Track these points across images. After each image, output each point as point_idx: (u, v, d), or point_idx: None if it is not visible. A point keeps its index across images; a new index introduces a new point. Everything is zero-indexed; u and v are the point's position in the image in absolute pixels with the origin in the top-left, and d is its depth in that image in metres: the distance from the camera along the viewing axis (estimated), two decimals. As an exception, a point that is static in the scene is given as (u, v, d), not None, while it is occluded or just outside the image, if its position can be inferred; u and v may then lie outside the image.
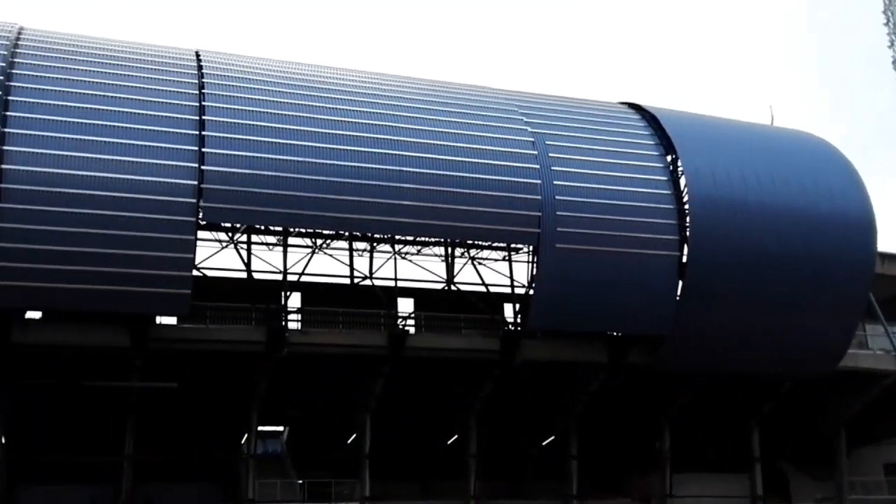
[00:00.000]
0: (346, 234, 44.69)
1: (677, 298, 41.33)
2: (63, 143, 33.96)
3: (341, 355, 40.94)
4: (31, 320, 36.22)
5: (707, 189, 41.81)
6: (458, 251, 49.11)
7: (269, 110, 37.77)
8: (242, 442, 42.68)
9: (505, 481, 49.79)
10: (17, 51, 35.46)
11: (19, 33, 36.51)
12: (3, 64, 34.34)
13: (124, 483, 38.51)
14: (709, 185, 41.94)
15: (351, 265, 48.22)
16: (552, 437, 49.05)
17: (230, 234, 44.45)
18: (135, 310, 35.69)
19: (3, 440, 37.17)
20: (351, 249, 48.18)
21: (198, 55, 39.55)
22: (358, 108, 39.52)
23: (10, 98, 33.88)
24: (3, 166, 32.79)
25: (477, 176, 39.35)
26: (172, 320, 38.92)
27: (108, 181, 34.10)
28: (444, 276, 49.44)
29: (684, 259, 41.44)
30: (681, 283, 41.43)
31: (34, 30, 37.62)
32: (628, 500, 48.60)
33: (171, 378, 38.07)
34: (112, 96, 35.59)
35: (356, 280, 48.29)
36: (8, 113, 33.55)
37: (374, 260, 48.55)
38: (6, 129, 33.24)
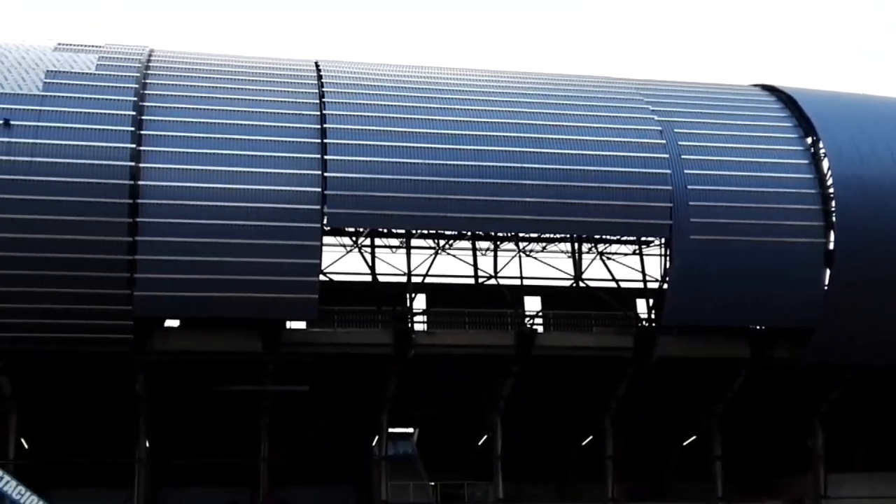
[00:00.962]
0: (470, 233, 44.41)
1: (825, 287, 38.98)
2: (194, 157, 35.31)
3: (469, 356, 40.74)
4: (171, 328, 37.77)
5: (852, 170, 39.51)
6: (585, 246, 47.97)
7: (388, 114, 38.04)
8: (373, 444, 43.05)
9: (645, 482, 48.28)
10: (149, 72, 37.14)
11: (150, 55, 38.20)
12: (137, 86, 35.95)
13: (261, 485, 39.57)
14: (854, 165, 39.64)
15: (475, 265, 47.95)
16: (693, 437, 47.17)
17: (354, 239, 45.08)
18: (266, 316, 36.69)
19: (147, 444, 38.86)
20: (474, 249, 47.88)
21: (317, 65, 40.24)
22: (475, 107, 39.34)
23: (144, 118, 35.41)
24: (141, 183, 34.28)
25: (603, 169, 38.49)
26: (302, 325, 39.79)
27: (237, 192, 35.17)
28: (572, 272, 48.36)
29: (830, 246, 39.11)
30: (827, 270, 39.10)
31: (163, 51, 39.39)
32: (778, 502, 46.20)
33: (302, 381, 38.79)
34: (238, 110, 36.73)
35: (481, 280, 47.96)
36: (143, 132, 35.06)
37: (499, 258, 48.04)
38: (142, 148, 34.75)
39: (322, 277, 38.78)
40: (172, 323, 37.91)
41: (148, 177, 34.45)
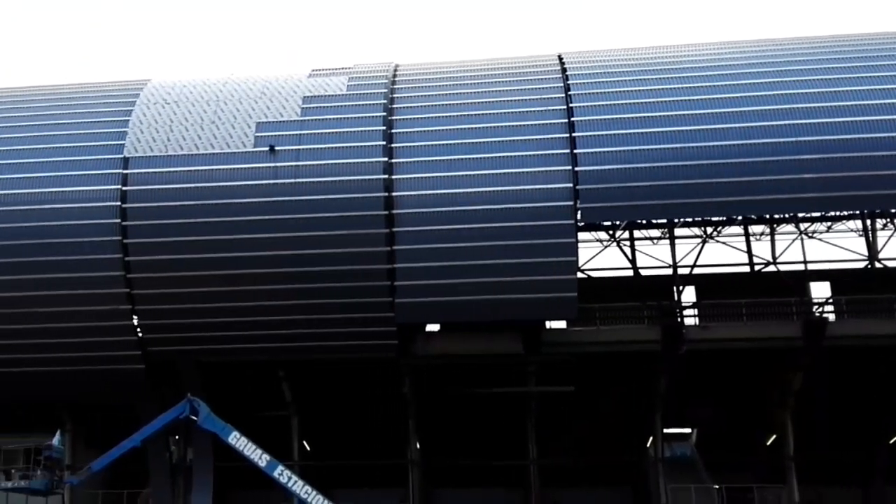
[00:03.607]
0: (740, 218, 41.00)
1: None
2: (444, 165, 36.03)
3: (748, 349, 38.09)
4: (431, 333, 38.77)
5: None
6: (879, 223, 42.48)
7: (636, 100, 36.39)
8: (648, 445, 41.20)
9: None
10: (395, 87, 38.47)
11: (395, 70, 39.55)
12: (385, 101, 37.30)
13: (532, 487, 39.37)
14: None
15: (749, 251, 44.27)
16: None
17: (611, 233, 43.51)
18: (525, 317, 36.46)
19: (418, 445, 40.21)
20: (747, 234, 44.27)
21: (560, 58, 39.24)
22: (730, 82, 36.54)
23: (394, 131, 36.68)
24: (395, 194, 35.49)
25: (891, 134, 33.77)
26: (562, 324, 39.04)
27: (488, 195, 35.33)
28: (865, 252, 43.01)
29: None
30: None
31: (407, 65, 40.67)
32: None
33: (566, 382, 38.10)
34: (482, 113, 36.91)
35: (757, 267, 44.17)
36: (394, 145, 36.24)
37: (777, 243, 43.93)
38: (394, 160, 35.94)
39: (580, 275, 37.81)
40: (434, 327, 38.87)
41: (401, 188, 35.66)
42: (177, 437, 41.12)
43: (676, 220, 41.35)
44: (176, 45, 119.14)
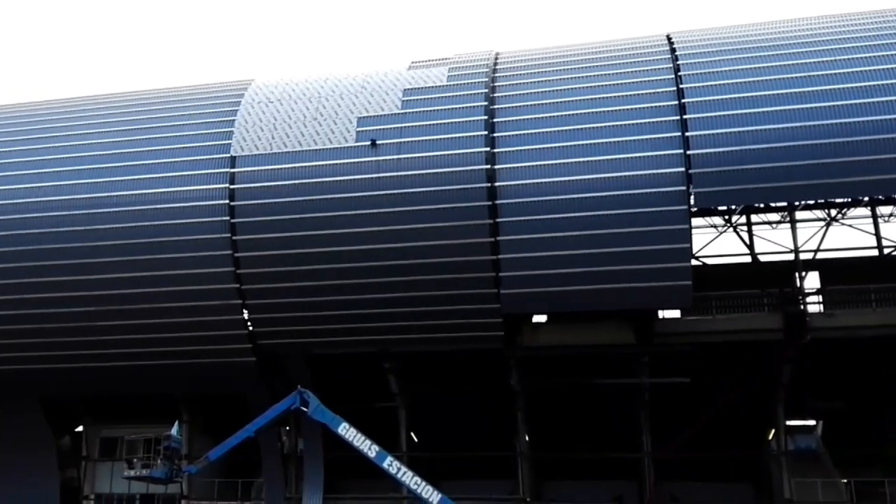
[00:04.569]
0: (866, 198, 38.41)
1: None
2: (548, 153, 35.08)
3: (876, 338, 35.64)
4: (539, 324, 37.91)
5: None
6: None
7: (751, 79, 34.56)
8: (769, 438, 39.33)
9: None
10: (497, 75, 37.65)
11: (496, 59, 38.70)
12: (487, 90, 36.58)
13: (647, 480, 38.17)
14: None
15: (877, 233, 41.48)
16: None
17: (726, 218, 41.54)
18: (636, 306, 35.26)
19: (527, 437, 39.52)
20: (875, 216, 41.40)
21: (669, 38, 37.59)
22: (851, 56, 34.14)
23: (496, 120, 35.96)
24: (498, 184, 34.82)
25: None
26: (676, 314, 37.59)
27: (595, 182, 34.30)
28: None
29: None
30: None
31: (508, 52, 39.75)
32: None
33: (681, 373, 36.71)
34: (587, 98, 35.82)
35: (886, 250, 41.37)
36: (496, 134, 35.55)
37: (909, 224, 41.08)
38: (497, 150, 35.25)
39: (694, 262, 36.23)
40: (541, 318, 38.01)
41: (504, 177, 34.94)
42: (287, 427, 41.88)
43: (797, 203, 39.05)
44: (257, 46, 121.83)
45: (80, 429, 45.64)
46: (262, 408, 35.78)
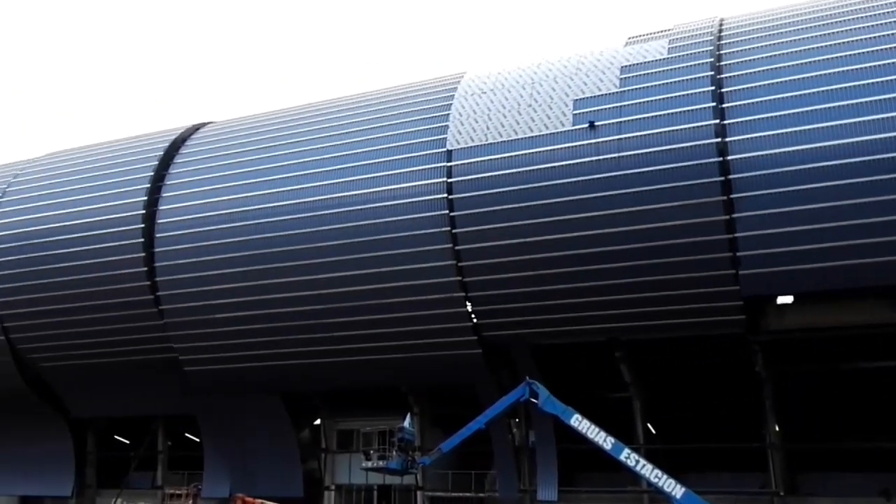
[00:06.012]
0: None
1: None
2: (788, 119, 32.60)
3: None
4: (785, 305, 35.19)
5: None
6: None
7: None
8: None
9: None
10: (722, 43, 35.40)
11: (720, 25, 36.42)
12: (712, 59, 34.49)
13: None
14: None
15: None
16: None
17: None
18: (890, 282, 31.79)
19: (777, 427, 36.84)
20: None
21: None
22: None
23: (724, 90, 33.85)
24: (731, 157, 32.76)
25: None
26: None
27: (845, 148, 31.50)
28: None
29: None
30: None
31: (734, 17, 37.28)
32: None
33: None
34: (831, 58, 32.99)
35: None
36: (726, 105, 33.49)
37: None
38: (727, 122, 33.17)
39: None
40: (786, 299, 35.25)
41: (737, 150, 32.80)
42: (517, 419, 41.55)
43: None
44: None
45: (317, 422, 47.70)
46: (490, 400, 35.62)
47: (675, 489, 31.20)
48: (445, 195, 37.43)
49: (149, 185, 44.59)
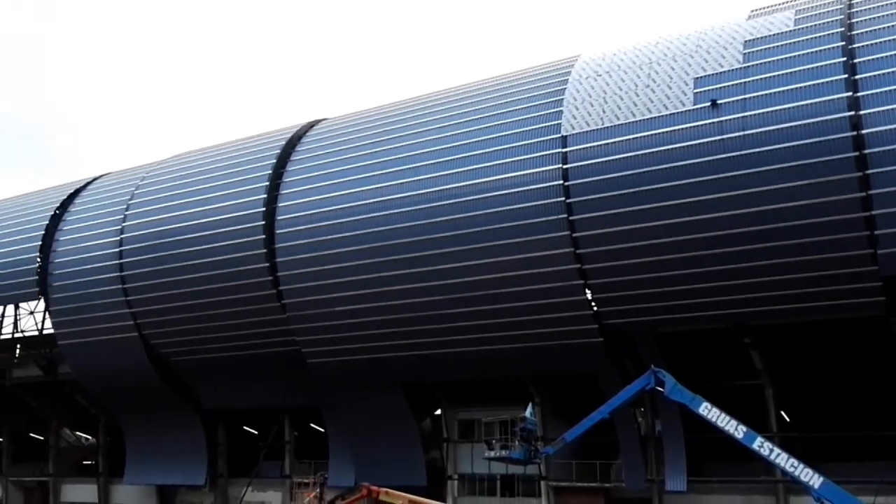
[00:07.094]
0: None
1: None
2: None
3: None
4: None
5: None
6: None
7: None
8: None
9: None
10: (853, 10, 33.73)
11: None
12: (843, 29, 32.86)
13: None
14: None
15: None
16: None
17: None
18: None
19: None
20: None
21: None
22: None
23: (857, 61, 32.26)
24: (865, 131, 31.17)
25: None
26: None
27: None
28: None
29: None
30: None
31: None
32: None
33: None
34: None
35: None
36: (859, 76, 31.86)
37: None
38: (860, 94, 31.55)
39: None
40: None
41: (872, 123, 31.16)
42: (642, 408, 40.72)
43: None
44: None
45: (438, 412, 48.02)
46: (613, 389, 34.93)
47: (813, 478, 29.78)
48: (561, 182, 36.91)
49: (268, 184, 45.73)
